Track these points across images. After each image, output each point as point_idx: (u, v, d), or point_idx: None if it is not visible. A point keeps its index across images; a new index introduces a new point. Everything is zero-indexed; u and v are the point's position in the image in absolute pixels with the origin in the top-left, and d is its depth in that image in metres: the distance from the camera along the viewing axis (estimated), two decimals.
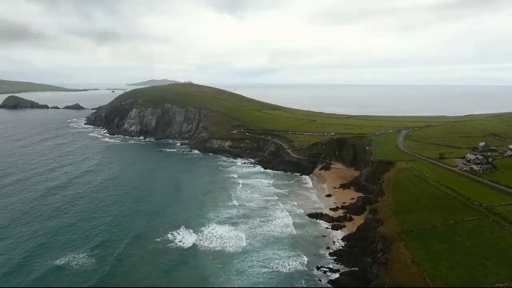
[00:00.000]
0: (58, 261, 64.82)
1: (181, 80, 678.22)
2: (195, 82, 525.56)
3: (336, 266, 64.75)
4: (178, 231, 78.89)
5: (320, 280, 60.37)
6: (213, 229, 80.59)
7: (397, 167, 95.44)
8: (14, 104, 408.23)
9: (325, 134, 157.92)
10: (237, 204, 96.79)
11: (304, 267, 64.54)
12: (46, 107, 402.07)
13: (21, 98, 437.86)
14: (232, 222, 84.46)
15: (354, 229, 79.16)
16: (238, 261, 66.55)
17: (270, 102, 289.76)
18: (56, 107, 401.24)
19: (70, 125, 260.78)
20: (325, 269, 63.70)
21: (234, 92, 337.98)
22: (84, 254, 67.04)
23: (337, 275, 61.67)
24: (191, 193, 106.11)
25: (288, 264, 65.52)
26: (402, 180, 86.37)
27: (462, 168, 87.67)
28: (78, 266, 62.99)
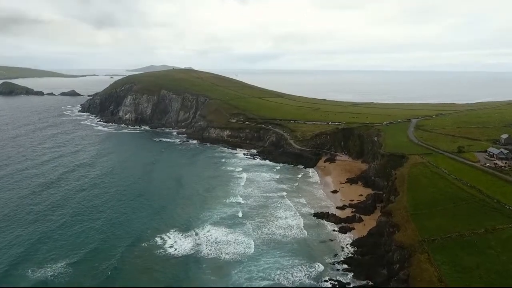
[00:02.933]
0: (36, 274, 56.83)
1: (181, 66, 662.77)
2: (195, 68, 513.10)
3: (346, 279, 56.78)
4: (169, 234, 70.78)
5: None
6: (208, 231, 72.61)
7: (411, 162, 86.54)
8: (9, 90, 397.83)
9: (330, 123, 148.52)
10: (235, 202, 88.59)
11: (310, 280, 56.62)
12: (41, 93, 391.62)
13: (16, 85, 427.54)
14: (229, 224, 76.31)
15: (365, 233, 70.93)
16: (236, 271, 58.66)
17: (272, 89, 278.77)
18: (52, 94, 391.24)
19: (64, 112, 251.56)
20: (333, 282, 55.77)
21: (235, 78, 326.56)
22: (67, 269, 58.61)
23: None
24: (187, 190, 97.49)
25: (292, 276, 57.61)
26: (418, 177, 77.64)
27: (485, 164, 78.76)
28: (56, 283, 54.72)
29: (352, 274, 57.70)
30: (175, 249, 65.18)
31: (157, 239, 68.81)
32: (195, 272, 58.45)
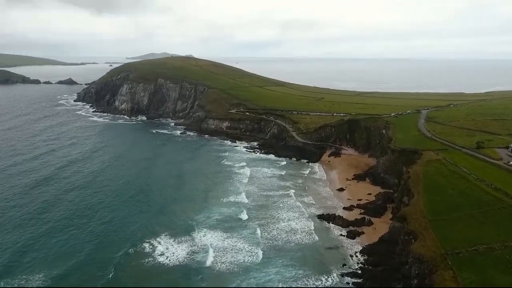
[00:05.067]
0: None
1: (182, 53, 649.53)
2: (196, 56, 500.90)
3: None
4: (158, 239, 64.16)
5: None
6: (204, 236, 66.00)
7: (425, 159, 79.19)
8: (5, 79, 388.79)
9: (335, 114, 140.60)
10: (237, 202, 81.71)
11: None
12: (38, 82, 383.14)
13: (12, 73, 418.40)
14: (225, 227, 69.65)
15: (375, 238, 64.21)
16: (233, 285, 52.22)
17: (274, 78, 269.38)
18: (49, 82, 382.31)
19: (59, 102, 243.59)
20: None
21: (235, 66, 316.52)
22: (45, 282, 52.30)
23: None
24: (186, 189, 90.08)
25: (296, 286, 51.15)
26: (434, 176, 70.44)
27: (509, 162, 71.26)
28: None
29: None
30: (167, 258, 58.66)
31: (149, 245, 62.16)
32: (187, 284, 52.03)
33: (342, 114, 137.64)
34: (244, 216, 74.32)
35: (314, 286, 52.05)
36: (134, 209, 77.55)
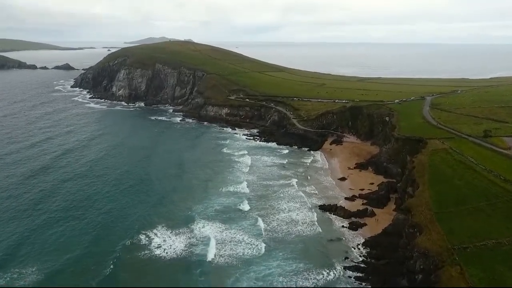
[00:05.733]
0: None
1: (181, 38, 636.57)
2: (195, 40, 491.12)
3: None
4: (157, 231, 62.57)
5: None
6: (203, 227, 64.42)
7: (430, 148, 76.83)
8: (1, 64, 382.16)
9: (337, 101, 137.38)
10: (237, 192, 79.83)
11: None
12: (34, 67, 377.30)
13: (8, 58, 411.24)
14: (225, 218, 67.97)
15: (378, 230, 62.65)
16: (231, 279, 50.86)
17: (274, 63, 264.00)
18: (45, 67, 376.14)
19: (56, 88, 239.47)
20: None
21: (235, 51, 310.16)
22: (39, 276, 50.81)
23: None
24: (185, 178, 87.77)
25: (296, 285, 49.85)
26: (440, 166, 68.26)
27: None
28: None
29: (366, 283, 49.81)
30: (164, 250, 57.20)
31: (146, 237, 60.59)
32: (185, 278, 50.67)
33: (344, 101, 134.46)
34: (245, 206, 72.57)
35: (316, 280, 50.68)
36: (132, 200, 75.70)
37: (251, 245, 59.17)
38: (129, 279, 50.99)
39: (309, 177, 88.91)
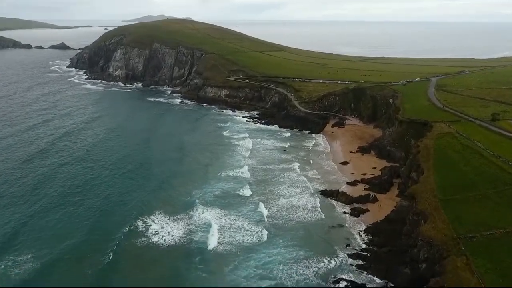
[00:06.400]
0: None
1: (180, 16, 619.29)
2: (195, 18, 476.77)
3: (361, 278, 48.06)
4: (154, 217, 61.42)
5: None
6: (203, 213, 63.20)
7: (436, 131, 74.59)
8: None
9: (339, 82, 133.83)
10: (237, 176, 78.24)
11: (318, 279, 47.97)
12: (29, 46, 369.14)
13: (3, 37, 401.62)
14: (225, 203, 66.68)
15: (381, 216, 61.37)
16: (230, 267, 50.00)
17: (275, 42, 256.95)
18: (41, 47, 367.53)
19: (51, 68, 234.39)
20: (345, 283, 47.09)
21: (234, 29, 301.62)
22: (35, 264, 49.93)
23: None
24: (184, 163, 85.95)
25: (296, 273, 48.90)
26: (445, 150, 66.29)
27: None
28: None
29: (368, 271, 48.95)
30: (162, 237, 56.17)
31: (144, 223, 59.42)
32: (184, 266, 49.89)
33: (347, 82, 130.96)
34: (246, 192, 71.11)
35: (316, 269, 49.79)
36: (131, 184, 74.18)
37: (251, 231, 58.07)
38: (128, 268, 50.22)
39: (310, 161, 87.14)
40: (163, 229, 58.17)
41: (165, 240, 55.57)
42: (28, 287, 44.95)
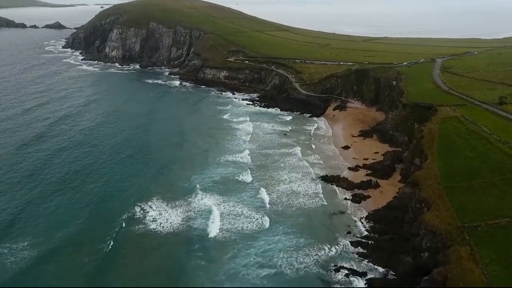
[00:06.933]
0: None
1: None
2: None
3: (362, 266, 47.61)
4: (152, 204, 60.56)
5: None
6: (201, 199, 62.38)
7: (440, 115, 72.61)
8: None
9: (341, 63, 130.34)
10: (235, 161, 77.12)
11: (318, 268, 47.52)
12: (23, 26, 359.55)
13: None
14: (226, 189, 65.69)
15: (382, 203, 60.52)
16: (229, 256, 49.52)
17: (275, 21, 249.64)
18: (35, 26, 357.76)
19: (46, 48, 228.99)
20: (346, 271, 46.64)
21: (234, 8, 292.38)
22: (31, 252, 49.43)
23: (363, 283, 44.77)
24: (184, 148, 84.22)
25: (297, 261, 48.46)
26: (450, 135, 64.62)
27: None
28: None
29: (368, 259, 48.46)
30: (160, 224, 55.54)
31: (142, 210, 58.62)
32: (183, 253, 49.43)
33: (349, 63, 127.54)
34: (246, 177, 69.94)
35: (317, 256, 49.30)
36: (130, 170, 73.00)
37: (251, 218, 57.37)
38: (127, 255, 49.75)
39: (312, 146, 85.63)
40: (161, 216, 57.40)
41: (163, 227, 54.83)
42: (28, 287, 44.25)
